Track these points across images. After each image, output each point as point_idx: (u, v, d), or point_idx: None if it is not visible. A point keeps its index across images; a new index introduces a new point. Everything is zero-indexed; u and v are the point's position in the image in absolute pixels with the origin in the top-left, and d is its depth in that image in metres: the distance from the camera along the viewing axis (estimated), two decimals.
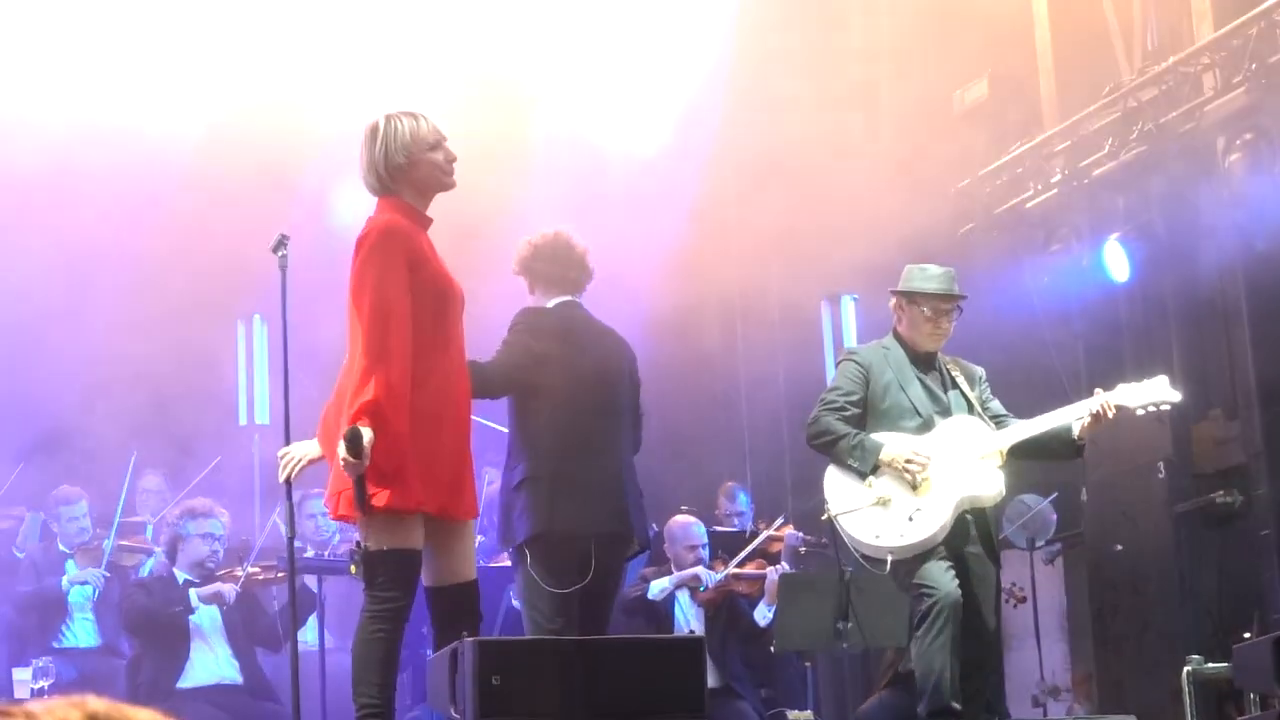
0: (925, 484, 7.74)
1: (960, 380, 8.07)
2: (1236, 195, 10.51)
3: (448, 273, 6.54)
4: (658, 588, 10.75)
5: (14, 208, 12.41)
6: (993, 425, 7.93)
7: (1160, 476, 11.23)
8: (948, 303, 8.08)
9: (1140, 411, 7.89)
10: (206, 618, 9.99)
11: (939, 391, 8.03)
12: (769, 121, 12.67)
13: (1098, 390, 7.88)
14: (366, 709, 6.28)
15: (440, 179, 6.53)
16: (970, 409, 7.98)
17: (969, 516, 7.80)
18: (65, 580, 11.00)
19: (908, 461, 7.75)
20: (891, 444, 7.83)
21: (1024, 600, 11.39)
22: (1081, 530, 12.05)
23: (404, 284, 6.28)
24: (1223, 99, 10.62)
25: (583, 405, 7.82)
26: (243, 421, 12.78)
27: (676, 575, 10.81)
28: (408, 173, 6.47)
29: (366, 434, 5.98)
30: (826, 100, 13.00)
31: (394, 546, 6.22)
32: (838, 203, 12.62)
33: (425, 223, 6.57)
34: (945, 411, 7.97)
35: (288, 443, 7.05)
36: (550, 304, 8.09)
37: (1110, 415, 7.75)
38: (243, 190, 12.09)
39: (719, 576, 10.88)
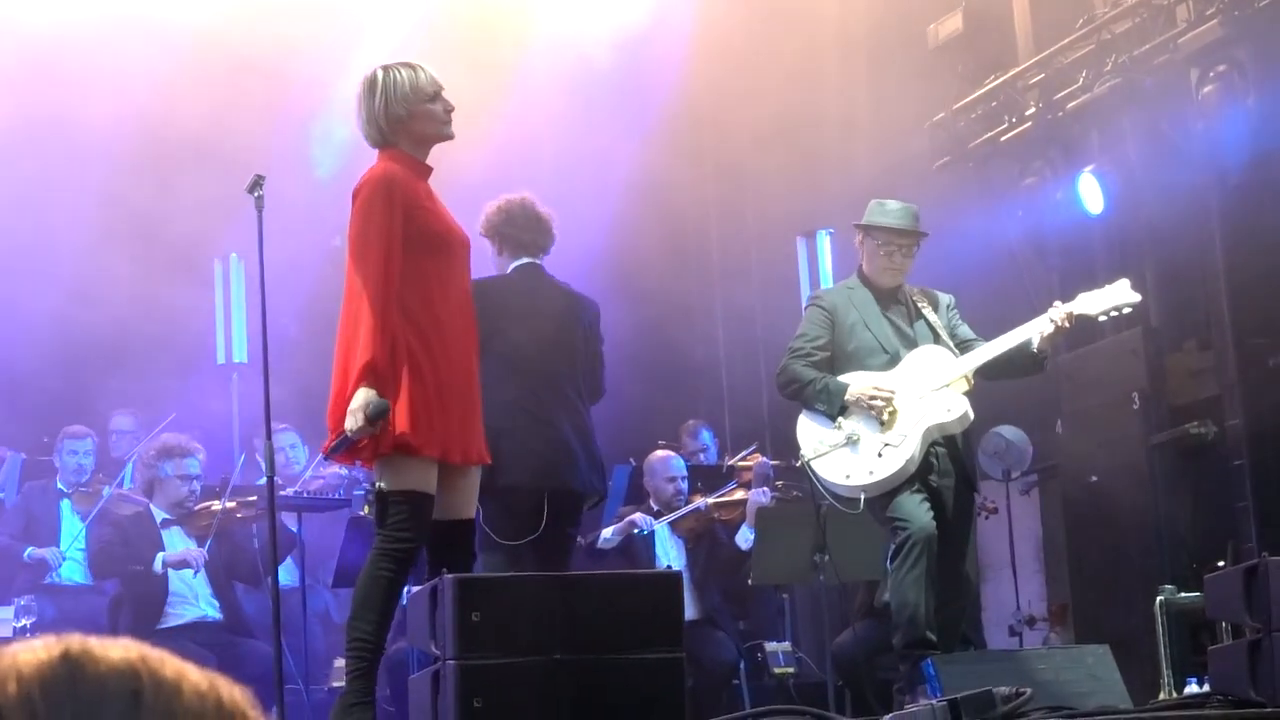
0: (892, 418, 7.80)
1: (926, 310, 8.12)
2: (1210, 127, 10.54)
3: (450, 220, 6.61)
4: (604, 537, 10.81)
5: None
6: (958, 351, 7.98)
7: (1135, 408, 11.29)
8: (902, 238, 8.14)
9: (1102, 318, 7.96)
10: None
11: (905, 325, 8.09)
12: (742, 57, 12.65)
13: (1056, 302, 7.94)
14: (358, 643, 6.41)
15: (439, 130, 6.60)
16: (936, 338, 8.03)
17: (940, 448, 7.86)
18: (28, 551, 10.99)
19: (871, 398, 7.81)
20: (855, 383, 7.90)
21: (995, 511, 11.43)
22: (1057, 462, 12.12)
23: (399, 233, 6.35)
24: (1196, 31, 10.63)
25: (537, 364, 7.97)
26: (220, 360, 12.78)
27: (618, 525, 10.84)
28: (407, 124, 6.55)
29: (384, 405, 6.11)
30: (800, 34, 12.99)
31: (405, 488, 6.33)
32: (812, 137, 12.63)
33: (425, 172, 6.64)
34: (912, 344, 8.03)
35: (266, 380, 7.12)
36: (511, 267, 8.26)
37: (1069, 325, 7.82)
38: (220, 129, 12.07)
39: (686, 509, 10.93)
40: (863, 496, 7.79)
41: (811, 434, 7.98)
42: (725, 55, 12.68)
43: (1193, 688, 8.67)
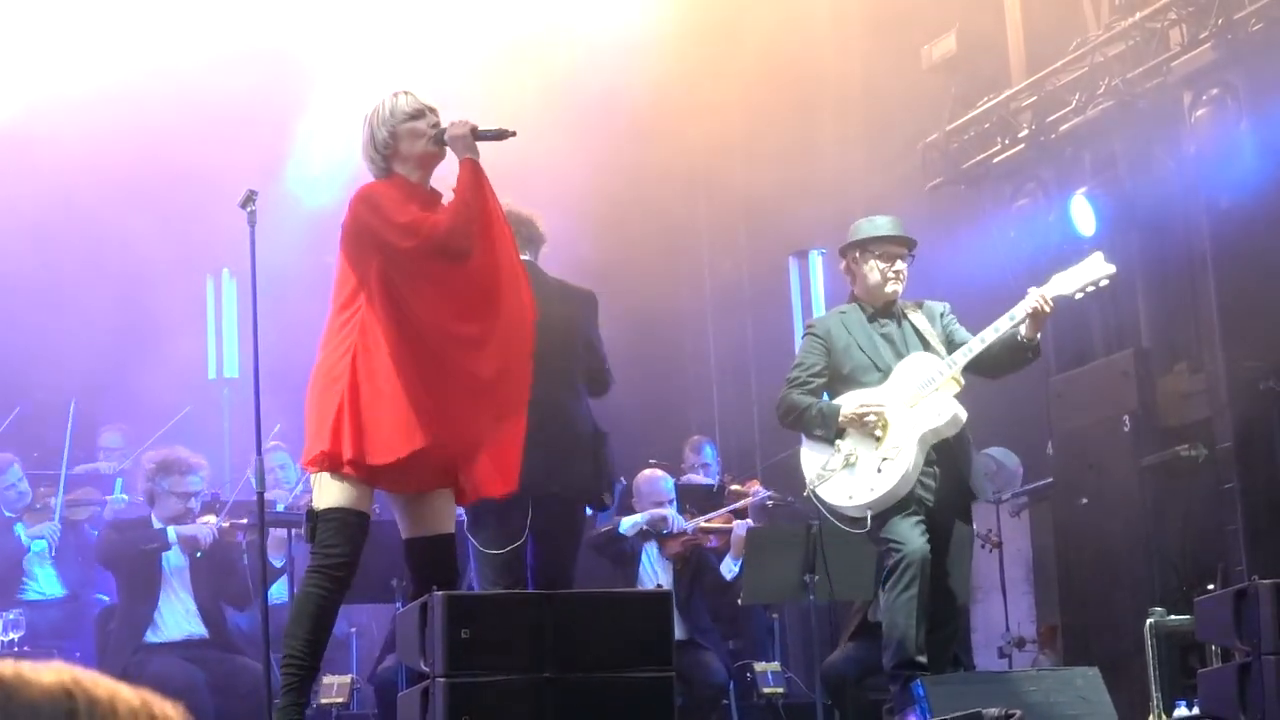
0: (885, 430, 7.81)
1: (919, 322, 8.12)
2: (1202, 150, 10.55)
3: None
4: (629, 523, 10.80)
5: None
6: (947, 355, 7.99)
7: (1126, 430, 11.29)
8: (900, 246, 8.17)
9: (1079, 295, 7.96)
10: (176, 568, 9.97)
11: (897, 339, 8.10)
12: (735, 76, 12.66)
13: (1030, 289, 7.91)
14: (287, 659, 6.40)
15: (425, 146, 6.55)
16: (926, 346, 8.03)
17: (938, 469, 7.86)
18: (24, 535, 10.98)
19: (862, 414, 7.83)
20: (847, 403, 7.91)
21: (999, 545, 11.44)
22: (1047, 483, 12.12)
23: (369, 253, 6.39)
24: (1189, 54, 10.64)
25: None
26: (212, 375, 12.77)
27: (648, 513, 10.85)
28: (395, 147, 6.54)
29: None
30: (794, 53, 13.00)
31: (329, 505, 6.34)
32: (805, 157, 12.64)
33: (423, 194, 6.57)
34: (904, 357, 8.05)
35: (257, 396, 7.11)
36: None
37: (1049, 309, 7.80)
38: (212, 145, 12.07)
39: (689, 523, 10.93)
40: (869, 515, 7.80)
41: (813, 461, 8.02)
42: (718, 75, 12.68)
43: (1182, 710, 8.67)
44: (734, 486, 11.74)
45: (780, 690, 10.83)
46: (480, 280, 6.42)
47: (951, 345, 8.07)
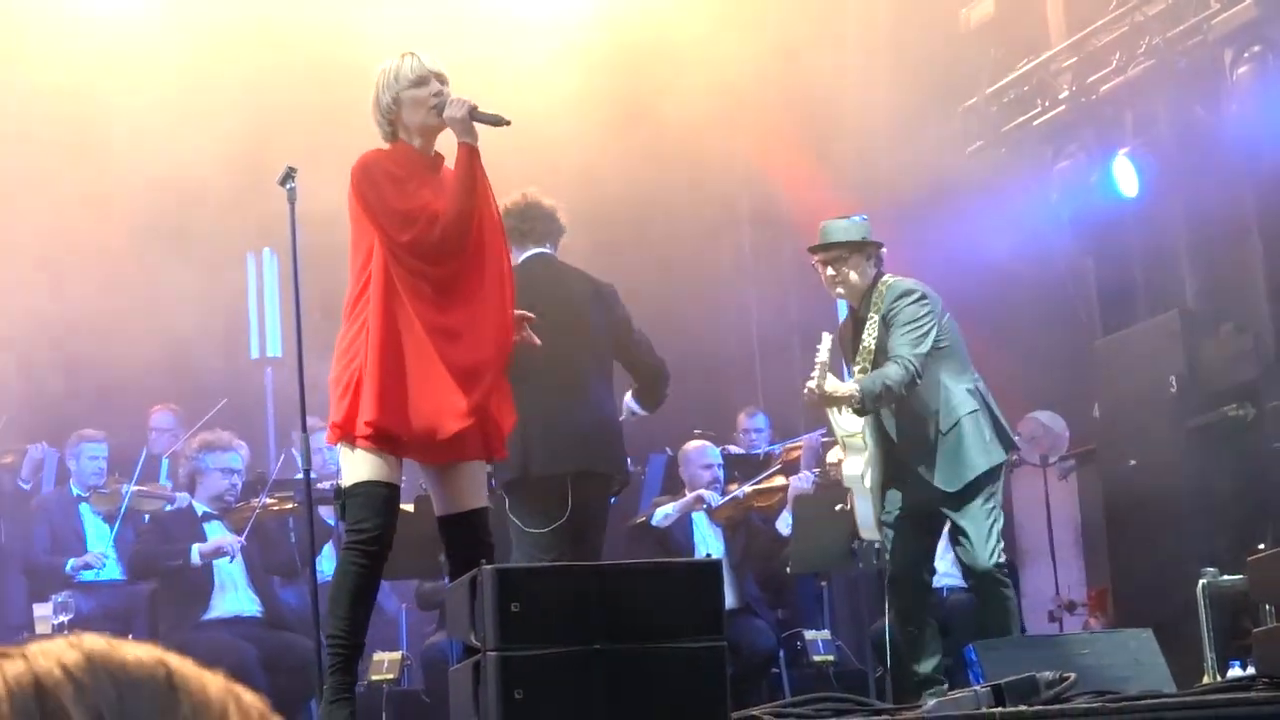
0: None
1: (868, 332, 8.23)
2: (1244, 108, 10.49)
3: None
4: (662, 514, 10.78)
5: (27, 142, 12.42)
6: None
7: (1172, 391, 11.22)
8: (813, 254, 8.46)
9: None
10: (235, 568, 10.02)
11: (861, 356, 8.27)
12: (775, 41, 12.61)
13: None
14: (330, 639, 6.44)
15: (425, 116, 6.50)
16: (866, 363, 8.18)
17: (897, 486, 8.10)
18: (70, 564, 10.99)
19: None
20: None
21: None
22: (1094, 446, 12.06)
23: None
24: (1230, 12, 10.57)
25: (550, 350, 7.85)
26: (254, 355, 12.79)
27: (681, 501, 10.83)
28: (398, 113, 6.50)
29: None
30: (831, 17, 12.95)
31: (355, 481, 6.36)
32: (845, 123, 12.59)
33: (426, 163, 6.55)
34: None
35: (300, 374, 7.11)
36: (520, 259, 8.17)
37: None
38: (251, 122, 12.07)
39: (725, 499, 10.89)
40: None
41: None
42: (757, 35, 12.62)
43: (1236, 670, 8.63)
44: (789, 445, 11.76)
45: (831, 658, 10.81)
46: (464, 271, 6.40)
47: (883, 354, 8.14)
